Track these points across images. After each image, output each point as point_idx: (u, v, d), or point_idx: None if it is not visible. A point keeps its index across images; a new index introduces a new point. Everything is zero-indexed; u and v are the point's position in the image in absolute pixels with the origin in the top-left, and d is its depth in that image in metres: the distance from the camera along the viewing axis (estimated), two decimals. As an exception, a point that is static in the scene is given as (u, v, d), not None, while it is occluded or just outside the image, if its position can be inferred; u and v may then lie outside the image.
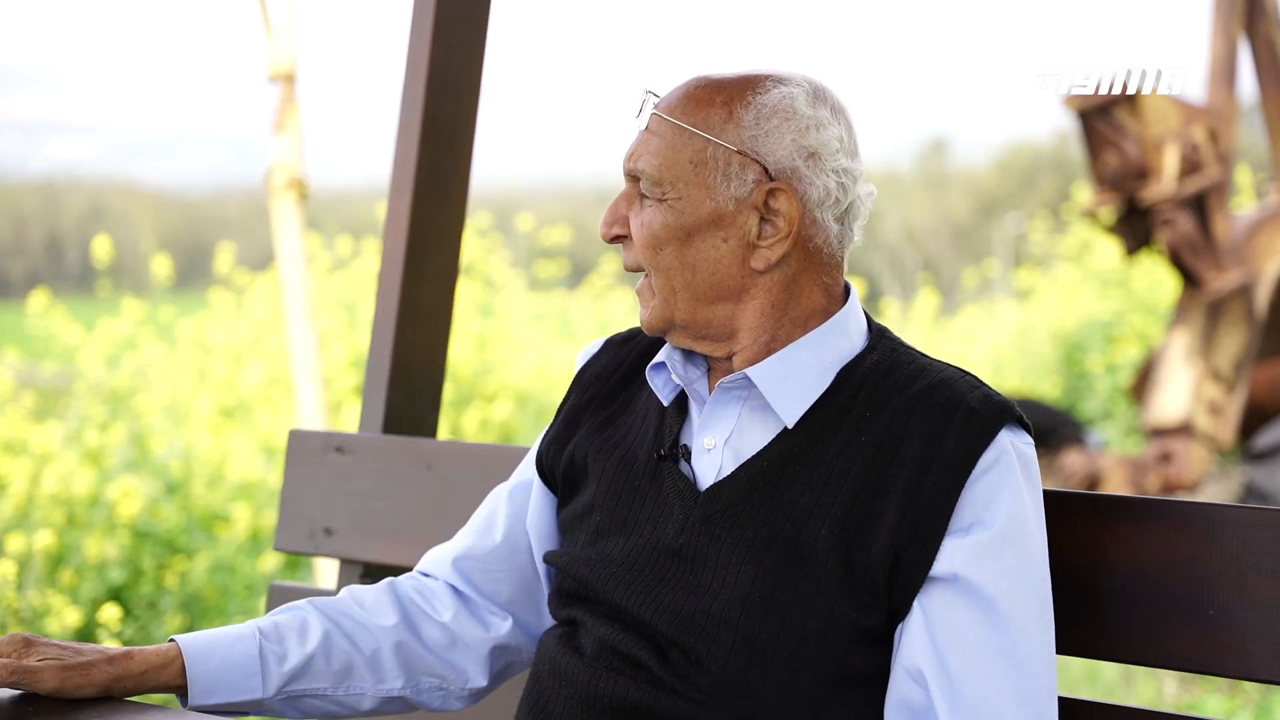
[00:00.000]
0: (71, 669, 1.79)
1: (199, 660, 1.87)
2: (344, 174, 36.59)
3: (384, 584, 2.04)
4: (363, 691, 1.97)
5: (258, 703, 1.92)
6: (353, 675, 1.97)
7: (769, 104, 1.79)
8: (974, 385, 1.78)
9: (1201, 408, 8.37)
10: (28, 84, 55.25)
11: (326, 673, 1.94)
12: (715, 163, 1.78)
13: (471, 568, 2.03)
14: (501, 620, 2.03)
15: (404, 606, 2.01)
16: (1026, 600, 1.71)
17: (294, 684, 1.93)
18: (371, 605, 2.00)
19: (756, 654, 1.72)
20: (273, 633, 1.93)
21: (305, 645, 1.93)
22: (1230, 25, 8.53)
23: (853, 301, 1.86)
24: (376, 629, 1.98)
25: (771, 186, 1.78)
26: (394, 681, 1.99)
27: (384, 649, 1.98)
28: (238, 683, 1.89)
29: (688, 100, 1.81)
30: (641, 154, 1.81)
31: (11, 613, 5.42)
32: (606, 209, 1.85)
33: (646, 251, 1.81)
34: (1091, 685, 5.85)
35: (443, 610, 2.02)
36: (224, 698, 1.89)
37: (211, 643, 1.89)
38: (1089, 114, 8.17)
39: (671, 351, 1.86)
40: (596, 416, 1.94)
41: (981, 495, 1.72)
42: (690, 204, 1.79)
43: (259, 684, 1.90)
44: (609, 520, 1.86)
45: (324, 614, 1.97)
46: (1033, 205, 23.23)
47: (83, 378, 7.65)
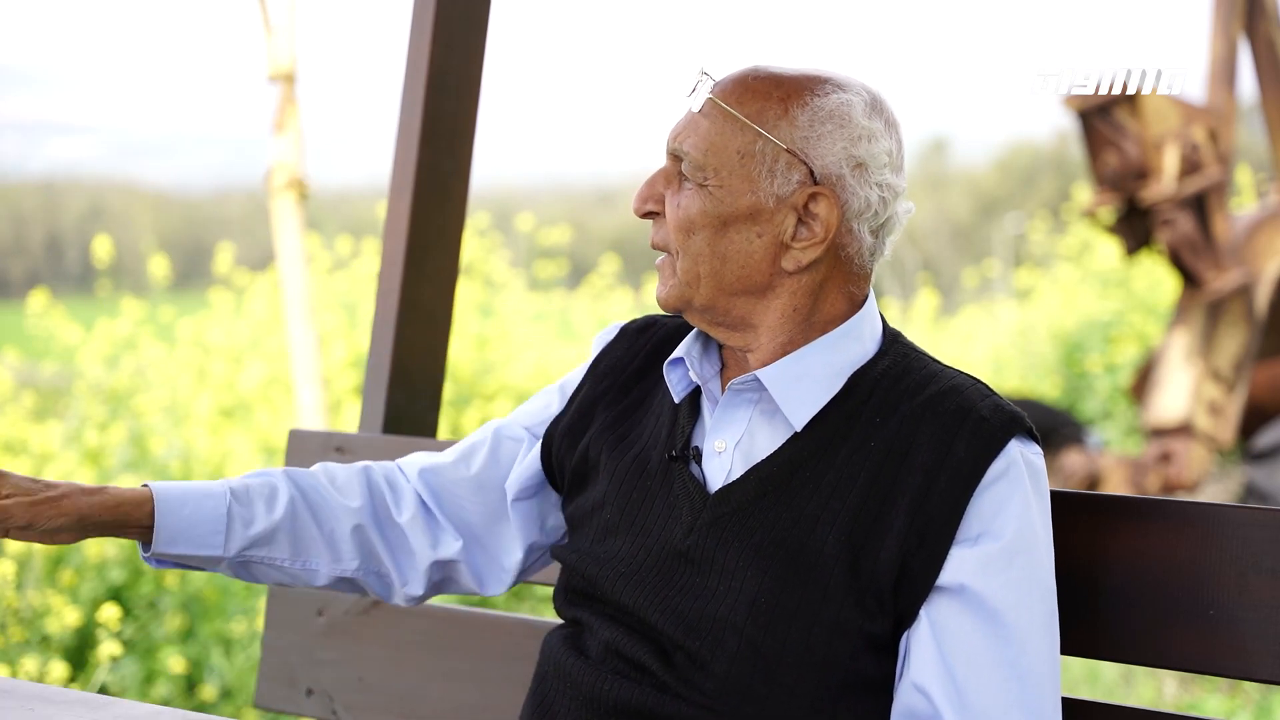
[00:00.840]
0: (42, 503, 1.81)
1: (169, 508, 1.90)
2: (344, 174, 36.59)
3: (359, 466, 2.05)
4: (317, 568, 2.00)
5: (215, 560, 1.95)
6: (311, 550, 1.99)
7: (826, 108, 1.77)
8: (985, 394, 1.78)
9: (1201, 408, 8.37)
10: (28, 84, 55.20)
11: (286, 544, 1.97)
12: (763, 157, 1.77)
13: (439, 485, 2.04)
14: (453, 540, 2.03)
15: (372, 494, 2.03)
16: (1032, 611, 1.71)
17: (254, 549, 1.95)
18: (342, 485, 2.02)
19: (762, 659, 1.72)
20: (244, 495, 1.95)
21: (272, 513, 1.96)
22: (1230, 25, 8.53)
23: (869, 306, 1.85)
24: (341, 509, 2.00)
25: (814, 191, 1.77)
26: (349, 563, 2.01)
27: (344, 530, 2.00)
28: (201, 538, 1.92)
29: (745, 89, 1.79)
30: (689, 135, 1.80)
31: (11, 612, 5.42)
32: (643, 183, 1.83)
33: (679, 234, 1.80)
34: (1091, 685, 5.85)
35: (403, 511, 2.03)
36: (185, 549, 1.91)
37: (184, 494, 1.92)
38: (1089, 114, 8.17)
39: (690, 347, 1.86)
40: (610, 410, 1.94)
41: (990, 505, 1.72)
42: (731, 194, 1.77)
43: (221, 542, 1.93)
44: (618, 518, 1.85)
45: (295, 485, 1.99)
46: (1033, 205, 23.23)
47: (82, 378, 7.65)
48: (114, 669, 5.42)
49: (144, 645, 5.70)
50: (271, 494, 1.97)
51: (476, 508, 2.04)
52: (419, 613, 2.55)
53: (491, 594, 2.06)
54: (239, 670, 5.63)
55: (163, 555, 1.91)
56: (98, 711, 1.82)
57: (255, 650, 5.63)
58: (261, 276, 9.23)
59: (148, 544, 1.91)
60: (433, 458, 2.07)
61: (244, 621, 5.79)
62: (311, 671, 2.61)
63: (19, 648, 5.31)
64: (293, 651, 2.64)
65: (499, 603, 6.39)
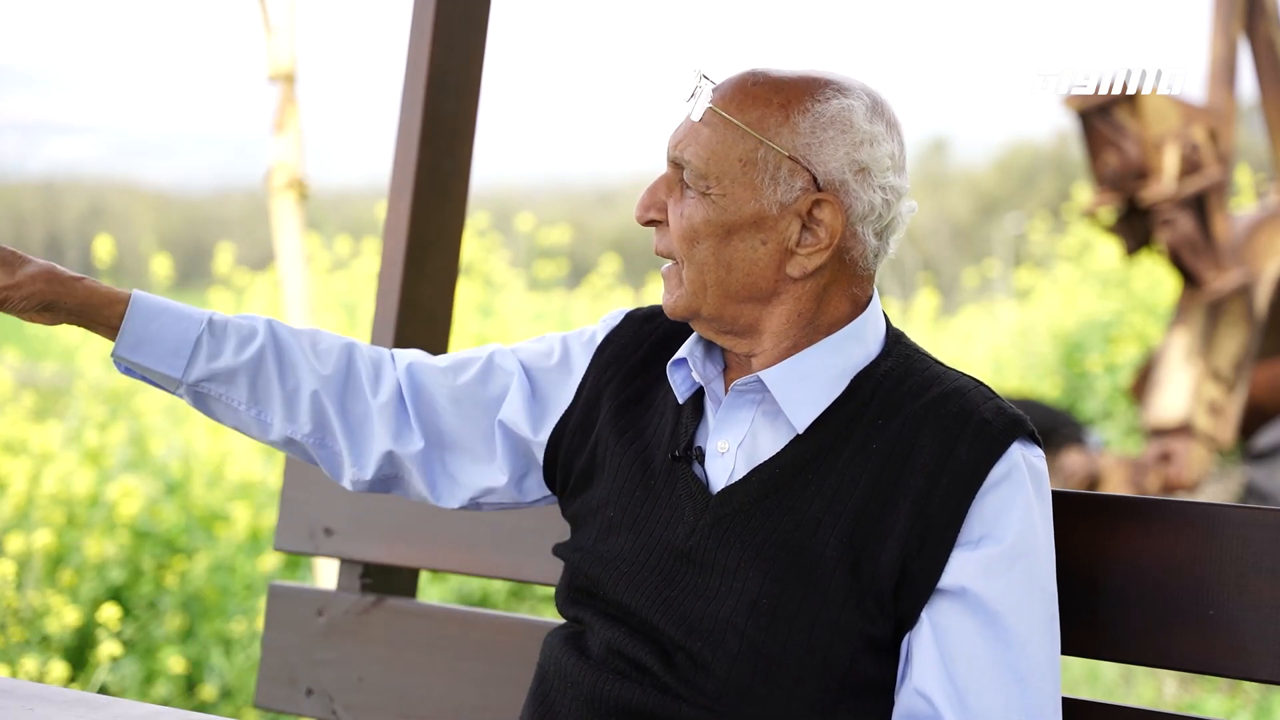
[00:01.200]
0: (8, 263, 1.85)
1: (142, 317, 1.92)
2: (344, 174, 36.55)
3: (345, 342, 2.04)
4: (271, 422, 2.00)
5: (173, 383, 1.95)
6: (268, 403, 1.99)
7: (827, 113, 1.76)
8: (987, 396, 1.78)
9: (1201, 408, 8.37)
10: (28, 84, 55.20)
11: (245, 388, 1.97)
12: (765, 165, 1.76)
13: (421, 383, 2.02)
14: (416, 440, 2.01)
15: (348, 368, 2.02)
16: (1034, 615, 1.71)
17: (211, 383, 1.96)
18: (321, 351, 2.01)
19: (762, 660, 1.72)
20: (220, 330, 1.96)
21: (240, 354, 1.96)
22: (1230, 25, 8.53)
23: (873, 307, 1.84)
24: (308, 372, 1.99)
25: (818, 197, 1.76)
26: (303, 426, 2.00)
27: (304, 393, 1.99)
28: (163, 355, 1.93)
29: (744, 96, 1.78)
30: (690, 144, 1.79)
31: (11, 612, 5.42)
32: (645, 191, 1.82)
33: (682, 243, 1.79)
34: (1091, 685, 5.85)
35: (379, 395, 2.01)
36: (145, 360, 1.93)
37: (162, 310, 1.94)
38: (1089, 114, 8.16)
39: (694, 348, 1.85)
40: (614, 400, 1.93)
41: (992, 508, 1.72)
42: (734, 202, 1.77)
43: (181, 365, 1.94)
44: (621, 516, 1.85)
45: (272, 336, 1.99)
46: (1033, 205, 23.21)
47: (82, 378, 7.65)
48: (114, 669, 5.42)
49: (144, 645, 5.70)
50: (248, 336, 1.98)
51: (450, 419, 2.02)
52: (419, 613, 2.55)
53: (442, 504, 2.04)
54: (239, 670, 5.63)
55: (123, 360, 1.93)
56: (98, 711, 1.82)
57: (255, 650, 5.63)
58: (261, 276, 9.23)
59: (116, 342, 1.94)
60: (425, 357, 2.06)
61: (244, 621, 5.79)
62: (311, 671, 2.61)
63: (19, 648, 5.31)
64: (293, 651, 2.64)
65: (499, 603, 6.39)
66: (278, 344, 1.99)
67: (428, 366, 2.04)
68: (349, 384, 2.01)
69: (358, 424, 2.01)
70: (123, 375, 2.08)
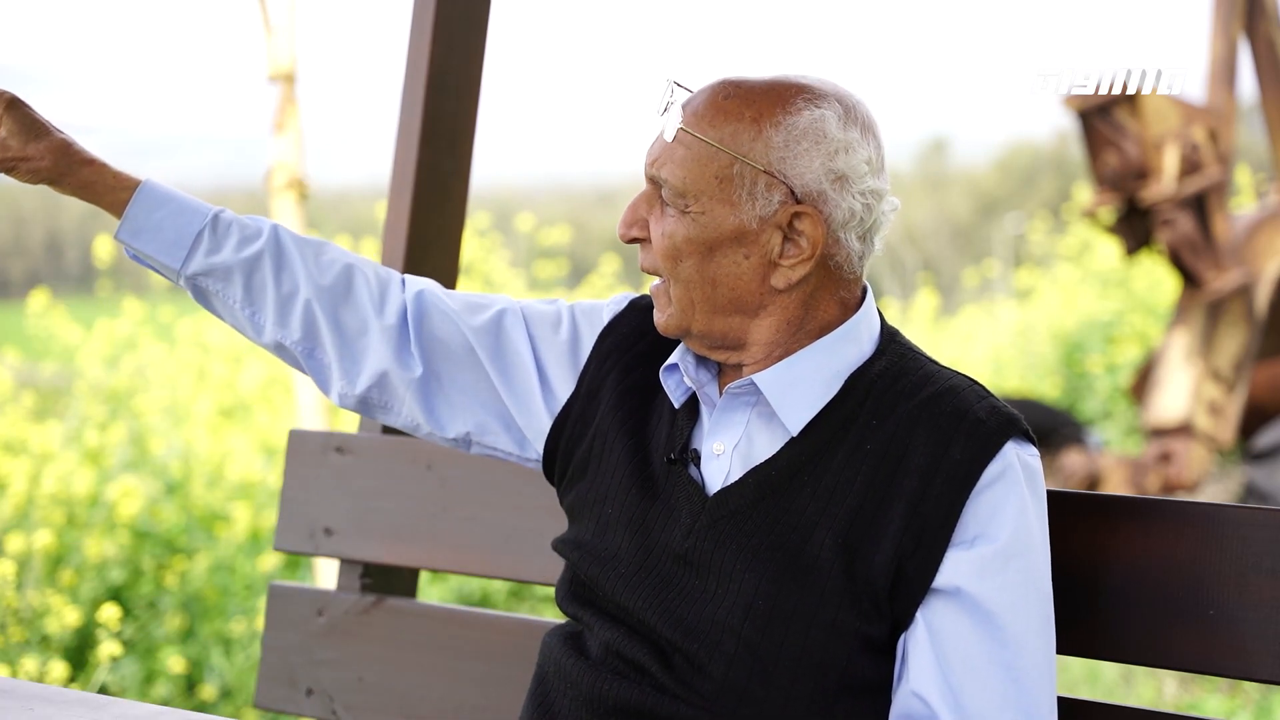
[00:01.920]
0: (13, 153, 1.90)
1: (147, 205, 1.95)
2: (344, 174, 36.55)
3: (353, 257, 2.04)
4: (263, 324, 2.01)
5: (172, 272, 1.97)
6: (261, 304, 2.00)
7: (800, 125, 1.76)
8: (981, 395, 1.77)
9: (1201, 408, 8.37)
10: (28, 84, 55.16)
11: (240, 287, 1.99)
12: (741, 180, 1.76)
13: (428, 310, 2.02)
14: (415, 365, 2.01)
15: (348, 284, 2.02)
16: (1029, 614, 1.71)
17: (208, 278, 1.98)
18: (324, 262, 2.01)
19: (759, 662, 1.72)
20: (223, 228, 1.98)
21: (239, 253, 1.98)
22: (1230, 25, 8.52)
23: (867, 307, 1.84)
24: (305, 281, 2.00)
25: (797, 209, 1.76)
26: (293, 333, 2.01)
27: (298, 301, 2.00)
28: (163, 245, 1.96)
29: (716, 111, 1.77)
30: (665, 162, 1.78)
31: (11, 613, 5.42)
32: (626, 208, 1.83)
33: (666, 261, 1.79)
34: (1091, 685, 5.85)
35: (385, 315, 2.01)
36: (145, 246, 1.95)
37: (169, 201, 1.95)
38: (1089, 114, 8.16)
39: (684, 354, 1.85)
40: (615, 389, 1.93)
41: (986, 508, 1.72)
42: (713, 219, 1.76)
43: (181, 256, 1.96)
44: (618, 514, 1.85)
45: (275, 240, 2.00)
46: (1033, 205, 23.22)
47: (82, 378, 7.64)
48: (114, 669, 5.43)
49: (144, 645, 5.70)
50: (250, 236, 1.99)
51: (449, 359, 2.02)
52: (419, 613, 2.55)
53: (440, 431, 2.03)
54: (239, 670, 5.63)
55: (126, 245, 1.96)
56: (98, 711, 1.82)
57: (255, 650, 5.63)
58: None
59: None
60: (438, 288, 2.05)
61: (244, 621, 5.79)
62: (311, 671, 2.61)
63: (19, 648, 5.31)
64: (293, 651, 2.64)
65: (499, 603, 6.39)
66: (279, 248, 2.00)
67: (438, 298, 2.04)
68: (347, 298, 2.01)
69: (352, 338, 2.01)
70: (123, 376, 2.08)
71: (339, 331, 2.01)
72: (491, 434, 2.03)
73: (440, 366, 2.01)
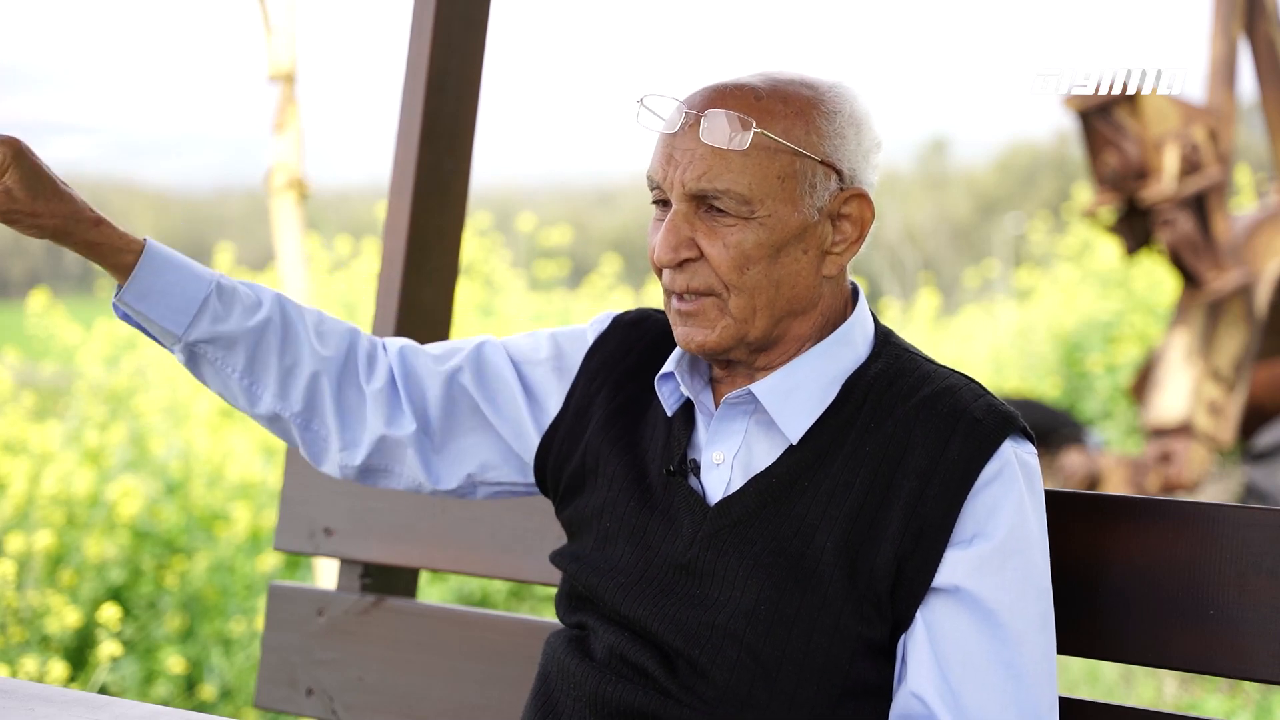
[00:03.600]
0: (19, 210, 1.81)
1: (154, 268, 1.88)
2: (344, 174, 36.55)
3: (351, 325, 2.03)
4: (261, 395, 1.97)
5: (171, 337, 1.92)
6: (263, 376, 1.96)
7: (842, 111, 1.78)
8: (978, 394, 1.77)
9: (1201, 408, 8.37)
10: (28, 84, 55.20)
11: (243, 357, 1.94)
12: (803, 175, 1.76)
13: (412, 367, 2.01)
14: (408, 423, 2.00)
15: (349, 354, 2.00)
16: (1028, 612, 1.71)
17: (210, 346, 1.92)
18: (325, 332, 1.99)
19: (761, 667, 1.72)
20: (228, 295, 1.93)
21: (245, 322, 1.93)
22: (1230, 25, 8.53)
23: (860, 308, 1.85)
24: (310, 352, 1.97)
25: (850, 193, 1.78)
26: (293, 405, 1.98)
27: (302, 372, 1.97)
28: (167, 310, 1.89)
29: (761, 112, 1.75)
30: (721, 172, 1.74)
31: (11, 612, 5.42)
32: (664, 233, 1.77)
33: (733, 272, 1.76)
34: (1091, 685, 5.85)
35: (373, 381, 2.00)
36: (150, 311, 1.88)
37: (175, 265, 1.89)
38: (1089, 114, 8.17)
39: (679, 362, 1.85)
40: (605, 408, 1.93)
41: (984, 506, 1.72)
42: (780, 219, 1.76)
43: (184, 323, 1.90)
44: (617, 527, 1.85)
45: (279, 311, 1.96)
46: (1033, 205, 23.22)
47: (82, 378, 7.65)
48: (114, 669, 5.43)
49: (144, 645, 5.70)
50: (254, 306, 1.95)
51: (438, 404, 2.01)
52: (419, 612, 2.55)
53: (439, 485, 2.02)
54: (239, 670, 5.63)
55: (126, 307, 1.89)
56: (97, 712, 1.82)
57: (255, 650, 5.63)
58: (261, 276, 9.23)
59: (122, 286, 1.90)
60: (416, 344, 2.05)
61: (244, 621, 5.79)
62: (311, 671, 2.61)
63: (19, 648, 5.31)
64: (293, 651, 2.64)
65: (499, 603, 6.39)
66: (284, 318, 1.96)
67: (418, 350, 2.03)
68: (346, 369, 2.00)
69: (351, 409, 2.00)
70: (123, 376, 2.07)
71: (340, 402, 1.99)
72: (494, 469, 2.02)
73: (432, 415, 2.01)
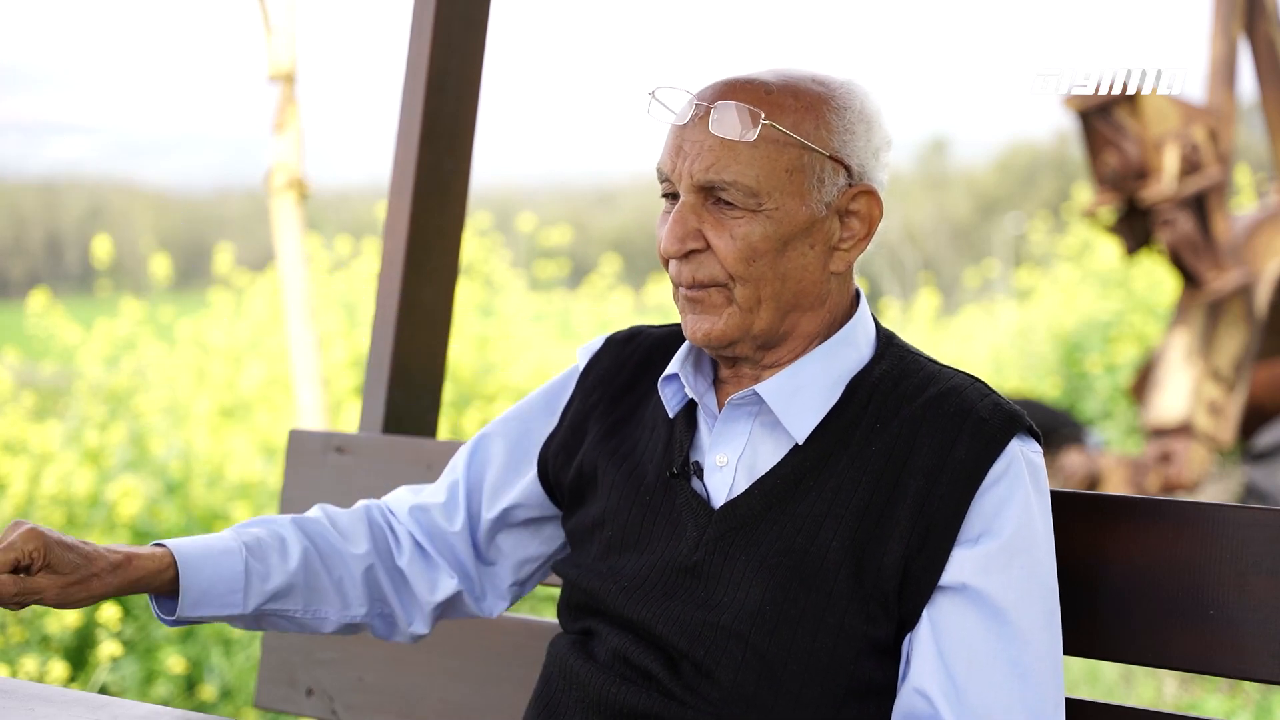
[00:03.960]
0: (75, 584, 1.79)
1: (191, 572, 1.87)
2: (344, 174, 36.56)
3: (360, 510, 2.04)
4: (326, 615, 1.99)
5: (233, 618, 1.93)
6: (322, 599, 1.98)
7: (852, 106, 1.78)
8: (984, 393, 1.77)
9: (1201, 408, 8.37)
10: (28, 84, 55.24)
11: (301, 595, 1.96)
12: (811, 169, 1.76)
13: (429, 524, 2.04)
14: (448, 579, 2.02)
15: (374, 536, 2.03)
16: (1033, 610, 1.71)
17: (270, 603, 1.94)
18: (346, 529, 2.01)
19: (767, 667, 1.72)
20: (257, 549, 1.93)
21: (287, 564, 1.94)
22: (1230, 25, 8.53)
23: (862, 310, 1.85)
24: (349, 556, 1.99)
25: (858, 189, 1.78)
26: (358, 609, 2.00)
27: (353, 576, 1.99)
28: (222, 596, 1.89)
29: (772, 106, 1.76)
30: (728, 164, 1.75)
31: (11, 613, 5.42)
32: (671, 224, 1.78)
33: (740, 264, 1.76)
34: (1091, 685, 5.85)
35: (401, 554, 2.03)
36: (209, 611, 1.89)
37: (204, 555, 1.89)
38: (1089, 114, 8.17)
39: (684, 363, 1.85)
40: (602, 423, 1.93)
41: (991, 505, 1.72)
42: (788, 213, 1.76)
43: (240, 600, 1.91)
44: (620, 535, 1.85)
45: (303, 533, 1.97)
46: (1033, 205, 23.23)
47: (82, 378, 7.65)
48: (114, 669, 5.42)
49: (144, 645, 5.70)
50: (283, 545, 1.95)
51: (465, 547, 2.04)
52: (419, 613, 2.55)
53: (493, 615, 2.07)
54: (239, 670, 5.63)
55: (185, 618, 1.88)
56: (97, 711, 1.82)
57: (255, 650, 5.63)
58: (261, 276, 9.24)
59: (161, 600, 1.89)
60: (420, 496, 2.06)
61: (244, 621, 5.78)
62: (311, 671, 2.61)
63: (19, 648, 5.31)
64: (293, 651, 2.64)
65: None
66: (313, 540, 1.98)
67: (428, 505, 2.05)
68: (380, 553, 2.03)
69: (402, 586, 2.03)
70: (123, 376, 2.07)
71: (394, 582, 2.03)
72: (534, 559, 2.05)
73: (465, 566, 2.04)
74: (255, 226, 20.81)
